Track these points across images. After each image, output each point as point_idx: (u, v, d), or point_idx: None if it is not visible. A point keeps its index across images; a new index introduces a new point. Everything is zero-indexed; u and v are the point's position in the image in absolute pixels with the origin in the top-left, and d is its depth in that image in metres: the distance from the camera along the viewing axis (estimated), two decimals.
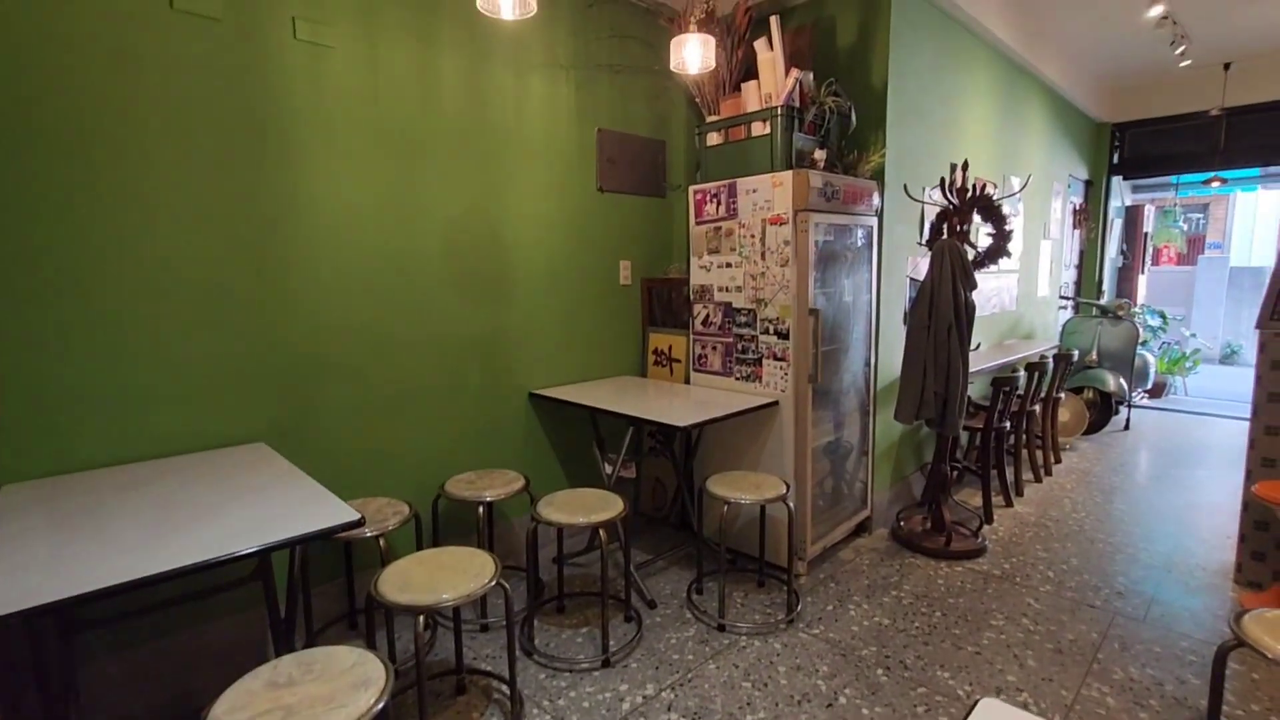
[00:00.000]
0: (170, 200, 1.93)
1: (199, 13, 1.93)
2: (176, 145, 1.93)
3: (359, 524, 1.43)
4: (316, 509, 1.50)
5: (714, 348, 2.98)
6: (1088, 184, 6.26)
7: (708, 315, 2.99)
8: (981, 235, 3.07)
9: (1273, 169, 5.99)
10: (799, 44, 3.04)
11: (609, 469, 2.68)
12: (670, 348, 3.27)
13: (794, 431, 2.71)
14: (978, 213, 2.99)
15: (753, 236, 2.76)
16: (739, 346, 2.87)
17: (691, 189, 2.99)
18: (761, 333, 2.78)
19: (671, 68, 2.42)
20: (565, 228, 3.01)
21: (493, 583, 1.70)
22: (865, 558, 2.95)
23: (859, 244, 3.00)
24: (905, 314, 3.34)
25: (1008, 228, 2.99)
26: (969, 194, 2.97)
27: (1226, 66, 5.40)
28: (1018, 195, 4.45)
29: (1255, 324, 2.74)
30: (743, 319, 2.84)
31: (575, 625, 2.41)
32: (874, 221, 3.06)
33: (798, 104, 2.77)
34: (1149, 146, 6.17)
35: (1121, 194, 6.74)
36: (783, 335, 2.69)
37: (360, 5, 2.27)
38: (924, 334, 2.85)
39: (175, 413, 1.99)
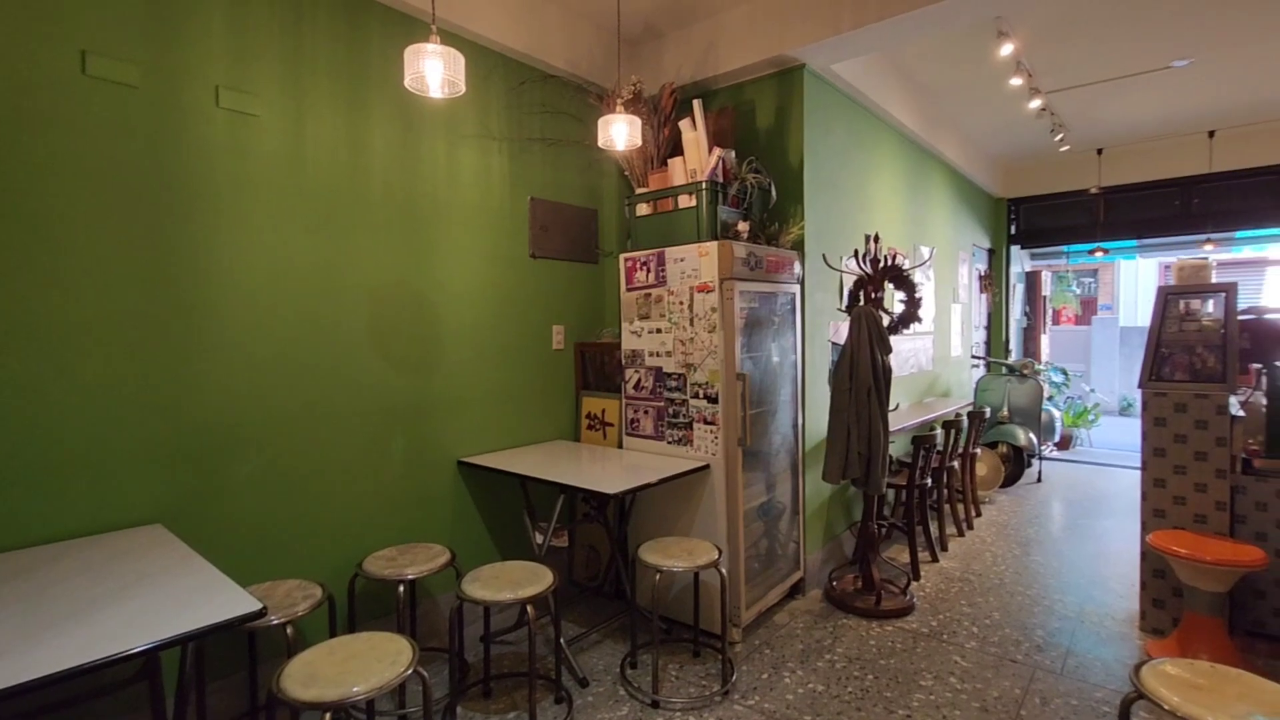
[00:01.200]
0: (70, 266, 1.83)
1: (114, 79, 1.90)
2: (86, 210, 1.85)
3: (260, 615, 1.33)
4: (213, 598, 1.39)
5: (646, 412, 3.00)
6: (990, 252, 6.80)
7: (639, 380, 3.02)
8: (895, 302, 3.27)
9: (1147, 240, 6.67)
10: (722, 124, 3.23)
11: (540, 539, 2.61)
12: (604, 412, 3.27)
13: (725, 494, 2.73)
14: (890, 281, 3.20)
15: (681, 303, 2.85)
16: (670, 411, 2.90)
17: (622, 257, 3.07)
18: (692, 397, 2.82)
19: (599, 144, 2.52)
20: (498, 294, 3.02)
21: (409, 670, 1.60)
22: (799, 621, 2.95)
23: (783, 310, 3.14)
24: (830, 376, 3.48)
25: (918, 295, 3.20)
26: (881, 264, 3.17)
27: (1099, 152, 6.08)
28: (926, 264, 4.78)
29: (1138, 383, 3.00)
30: (673, 383, 2.89)
31: (502, 710, 2.28)
32: (796, 289, 3.21)
33: (721, 179, 2.92)
34: (1041, 219, 6.80)
35: (1021, 261, 7.35)
36: (712, 399, 2.75)
37: (287, 75, 2.28)
38: (846, 396, 2.97)
39: (58, 492, 1.83)
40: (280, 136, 2.27)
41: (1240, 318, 2.92)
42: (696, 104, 3.04)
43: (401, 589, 2.16)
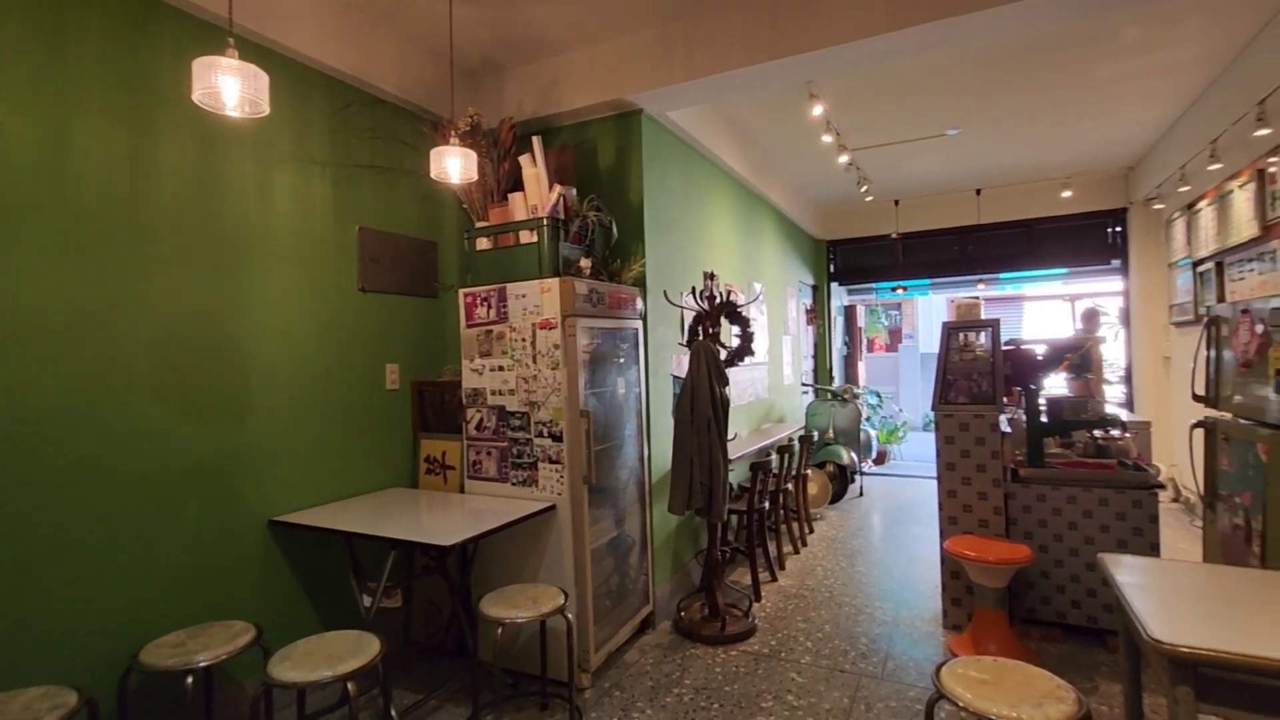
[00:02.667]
0: None
1: None
2: None
3: None
4: None
5: (489, 453, 2.88)
6: (814, 288, 7.50)
7: (482, 419, 2.90)
8: (732, 336, 3.46)
9: (936, 279, 7.72)
10: (563, 161, 3.25)
11: (368, 601, 2.37)
12: (444, 454, 3.09)
13: (572, 535, 2.67)
14: (726, 317, 3.38)
15: (524, 340, 2.79)
16: (514, 450, 2.81)
17: (461, 292, 2.95)
18: (536, 435, 2.75)
19: (433, 176, 2.41)
20: (321, 331, 2.75)
21: None
22: (649, 656, 2.95)
23: (626, 345, 3.19)
24: (673, 409, 3.58)
25: (751, 330, 3.41)
26: (718, 300, 3.35)
27: (896, 203, 6.98)
28: (759, 300, 5.15)
29: (931, 406, 3.42)
30: (517, 422, 2.80)
31: None
32: (639, 324, 3.28)
33: (563, 215, 2.93)
34: (854, 259, 7.64)
35: (840, 296, 8.18)
36: (557, 437, 2.70)
37: (37, 78, 1.93)
38: (688, 428, 3.07)
39: None
40: (32, 147, 1.90)
41: (1004, 347, 3.45)
42: (536, 140, 3.04)
43: (191, 680, 1.84)
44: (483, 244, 2.99)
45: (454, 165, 2.40)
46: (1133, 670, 1.77)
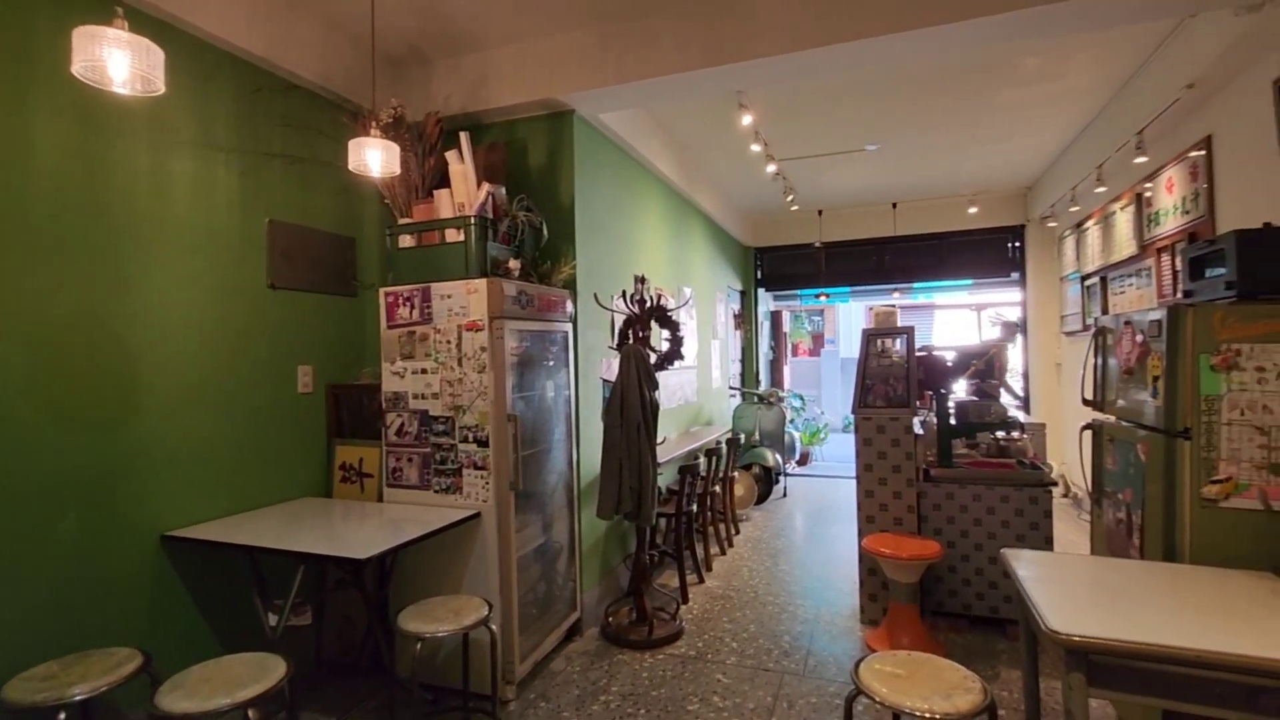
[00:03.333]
0: None
1: None
2: None
3: None
4: None
5: (410, 459, 2.76)
6: (742, 294, 7.67)
7: (402, 424, 2.78)
8: (661, 340, 3.48)
9: (856, 288, 8.06)
10: (492, 159, 3.17)
11: (274, 620, 2.22)
12: (361, 461, 2.94)
13: (498, 543, 2.60)
14: (656, 321, 3.39)
15: (449, 342, 2.69)
16: (437, 457, 2.70)
17: (382, 291, 2.82)
18: (461, 441, 2.66)
19: (351, 167, 2.29)
20: (224, 329, 2.56)
21: None
22: (576, 664, 2.91)
23: (556, 349, 3.14)
24: (602, 413, 3.56)
25: (680, 334, 3.44)
26: (648, 304, 3.35)
27: (820, 213, 7.24)
28: (688, 305, 5.21)
29: (851, 409, 3.55)
30: (440, 427, 2.70)
31: None
32: (569, 327, 3.24)
33: (491, 215, 2.85)
34: (780, 267, 7.87)
35: (766, 302, 8.40)
36: (482, 442, 2.62)
37: None
38: (618, 432, 3.05)
39: None
40: None
41: (918, 353, 3.63)
42: (464, 136, 2.95)
43: (64, 716, 1.66)
44: (406, 242, 2.87)
45: (375, 158, 2.29)
46: (1031, 657, 1.89)
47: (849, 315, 13.53)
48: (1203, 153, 3.28)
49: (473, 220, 2.72)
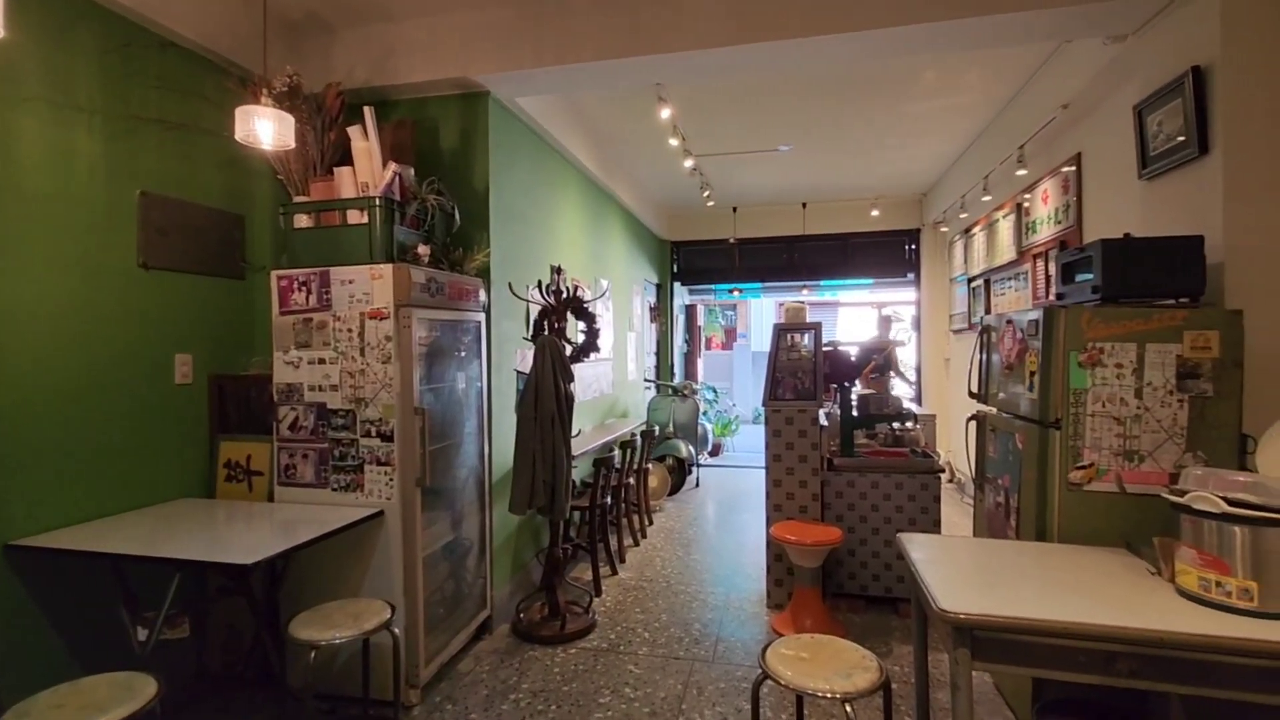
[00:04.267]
0: None
1: None
2: None
3: None
4: None
5: (305, 455, 2.58)
6: (659, 287, 7.73)
7: (297, 419, 2.59)
8: (577, 331, 3.44)
9: (767, 284, 8.32)
10: (400, 138, 3.00)
11: (143, 635, 2.01)
12: (249, 458, 2.72)
13: (403, 542, 2.48)
14: (572, 312, 3.34)
15: (350, 331, 2.53)
16: (336, 453, 2.54)
17: (274, 274, 2.61)
18: (362, 436, 2.52)
19: (238, 138, 2.09)
20: (85, 313, 2.28)
21: None
22: (485, 663, 2.84)
23: (468, 339, 3.03)
24: (517, 405, 3.48)
25: (597, 325, 3.41)
26: (564, 295, 3.30)
27: (735, 210, 7.41)
28: (605, 297, 5.19)
29: (761, 401, 3.66)
30: (340, 421, 2.54)
31: None
32: (482, 317, 3.14)
33: (398, 197, 2.70)
34: (695, 261, 8.00)
35: (682, 296, 8.52)
36: (386, 437, 2.49)
37: None
38: (532, 425, 2.99)
39: None
40: None
41: (824, 349, 3.79)
42: (368, 111, 2.77)
43: None
44: (302, 221, 2.67)
45: (265, 129, 2.11)
46: (921, 633, 2.02)
47: (761, 310, 13.98)
48: (1073, 168, 3.61)
49: (378, 201, 2.57)
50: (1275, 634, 1.35)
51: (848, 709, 1.65)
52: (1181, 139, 2.30)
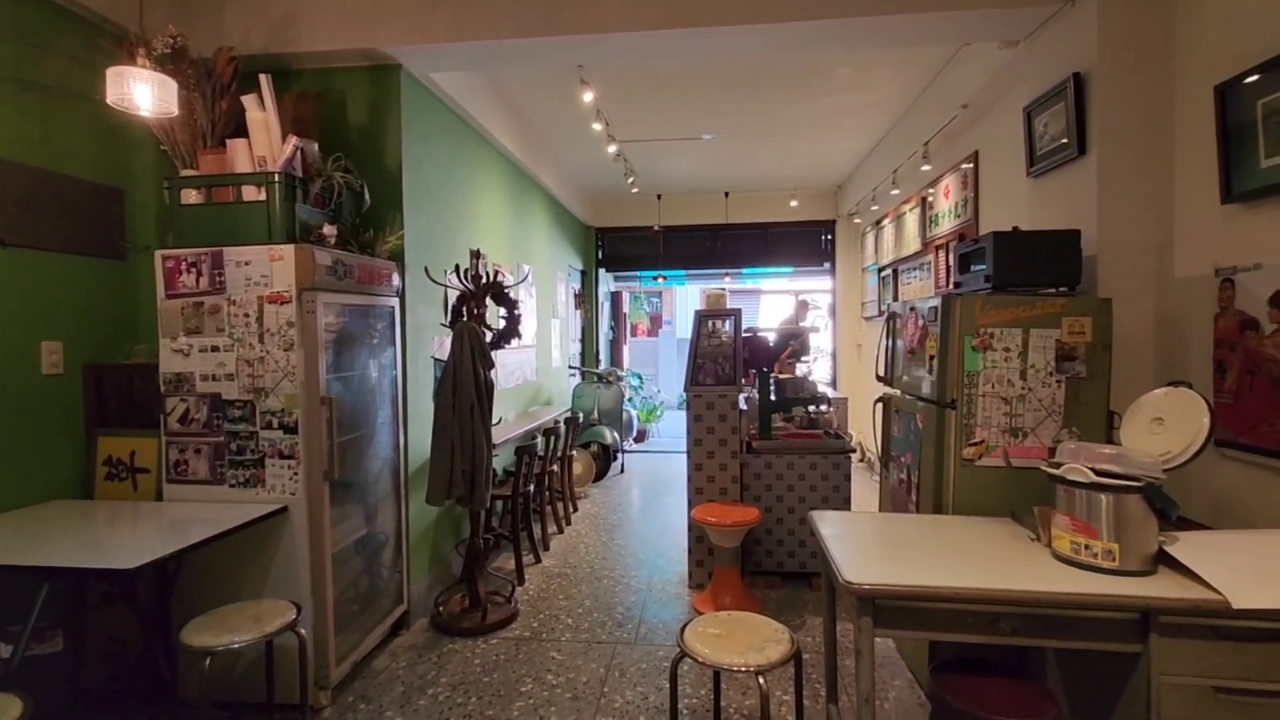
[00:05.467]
0: None
1: None
2: None
3: None
4: None
5: (198, 450, 2.40)
6: (583, 274, 7.68)
7: (188, 411, 2.40)
8: (498, 317, 3.36)
9: (691, 271, 8.43)
10: (302, 111, 2.82)
11: (6, 652, 1.82)
12: (133, 455, 2.50)
13: (309, 538, 2.36)
14: (492, 298, 3.26)
15: (247, 316, 2.36)
16: (233, 446, 2.38)
17: (160, 254, 2.40)
18: (263, 428, 2.36)
19: (111, 101, 1.90)
20: None
21: None
22: (402, 659, 2.75)
23: (381, 325, 2.90)
24: (434, 393, 3.37)
25: (518, 312, 3.35)
26: (484, 280, 3.21)
27: (659, 197, 7.44)
28: (526, 282, 5.10)
29: (684, 387, 3.71)
30: (237, 413, 2.37)
31: None
32: (396, 302, 3.01)
33: (301, 173, 2.54)
34: (620, 248, 7.99)
35: (607, 282, 8.49)
36: (290, 429, 2.35)
37: None
38: (450, 413, 2.91)
39: None
40: None
41: (744, 335, 3.88)
42: (264, 79, 2.57)
43: None
44: (191, 197, 2.46)
45: (144, 93, 1.93)
46: (830, 605, 2.12)
47: (685, 298, 14.16)
48: (971, 165, 3.85)
49: (278, 177, 2.40)
50: (1132, 589, 1.50)
51: (760, 680, 1.71)
52: (1064, 140, 2.49)
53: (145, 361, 2.58)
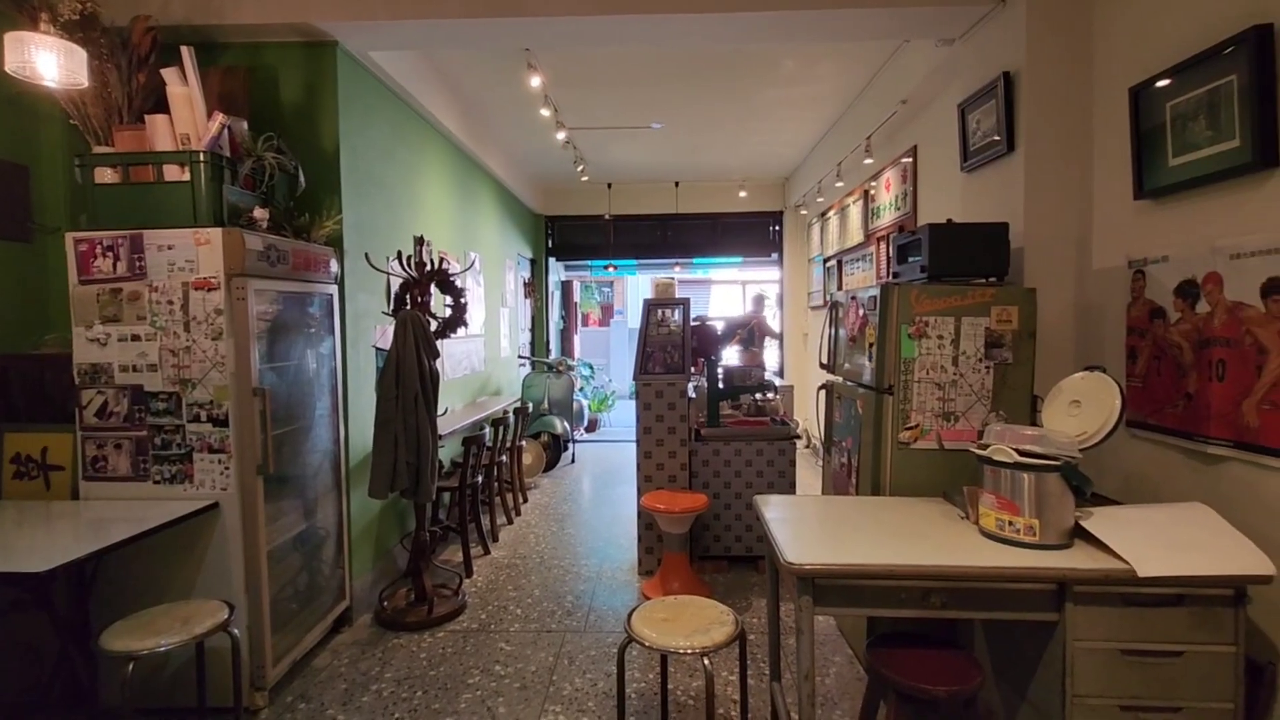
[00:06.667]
0: None
1: None
2: None
3: None
4: None
5: (119, 445, 2.27)
6: (533, 262, 7.58)
7: (106, 403, 2.26)
8: (443, 306, 3.28)
9: (642, 260, 8.45)
10: (230, 87, 2.68)
11: None
12: (44, 452, 2.34)
13: (242, 535, 2.27)
14: (437, 286, 3.19)
15: (171, 303, 2.24)
16: (158, 440, 2.26)
17: (71, 237, 2.24)
18: (190, 421, 2.25)
19: (9, 69, 1.75)
20: None
21: None
22: (344, 656, 2.69)
23: (318, 313, 2.79)
24: (376, 384, 3.27)
25: (464, 300, 3.28)
26: (428, 267, 3.13)
27: (609, 185, 7.40)
28: (473, 270, 5.00)
29: (633, 376, 3.72)
30: (161, 405, 2.25)
31: None
32: (334, 289, 2.91)
33: (228, 153, 2.41)
34: (571, 237, 7.92)
35: (557, 271, 8.42)
36: (219, 422, 2.24)
37: None
38: (393, 404, 2.83)
39: None
40: None
41: (692, 323, 3.91)
42: (186, 51, 2.43)
43: None
44: (106, 176, 2.31)
45: (48, 61, 1.79)
46: (774, 586, 2.17)
47: (638, 287, 14.17)
48: (910, 160, 3.97)
49: (203, 156, 2.27)
50: (1050, 562, 1.59)
51: (705, 662, 1.74)
52: (995, 137, 2.60)
53: (57, 351, 2.42)
